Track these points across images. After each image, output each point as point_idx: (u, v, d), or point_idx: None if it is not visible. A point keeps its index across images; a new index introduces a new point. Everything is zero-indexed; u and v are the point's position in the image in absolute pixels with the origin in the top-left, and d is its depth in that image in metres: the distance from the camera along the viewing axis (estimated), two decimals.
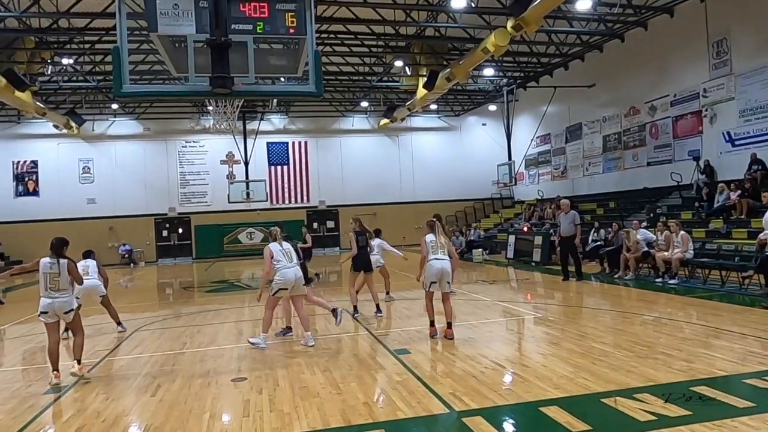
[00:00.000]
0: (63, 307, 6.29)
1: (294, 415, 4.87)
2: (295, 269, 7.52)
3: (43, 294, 6.28)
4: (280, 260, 7.44)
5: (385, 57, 23.68)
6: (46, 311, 6.26)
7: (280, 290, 7.44)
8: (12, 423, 5.06)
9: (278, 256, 7.45)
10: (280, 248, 7.55)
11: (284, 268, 7.41)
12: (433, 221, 7.90)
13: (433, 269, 7.49)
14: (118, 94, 5.20)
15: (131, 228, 27.79)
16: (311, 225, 30.91)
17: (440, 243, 7.66)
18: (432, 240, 7.66)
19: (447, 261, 7.57)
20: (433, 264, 7.50)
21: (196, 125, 29.77)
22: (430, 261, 7.53)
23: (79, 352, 6.40)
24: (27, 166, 27.80)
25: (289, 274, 7.39)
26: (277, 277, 7.40)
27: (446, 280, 7.54)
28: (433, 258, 7.53)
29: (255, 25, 5.72)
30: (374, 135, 31.86)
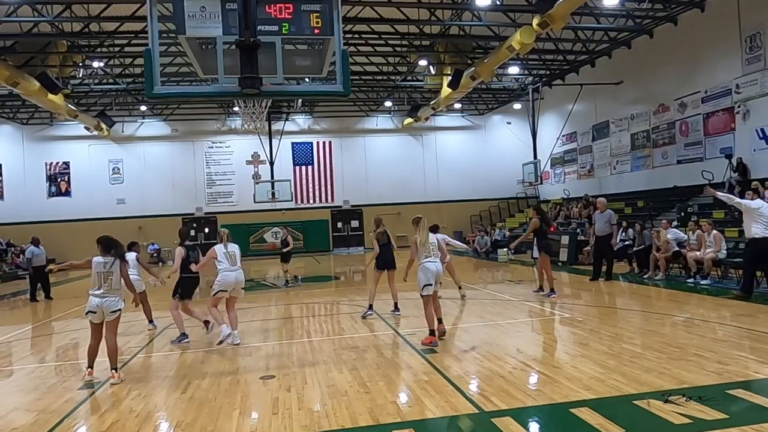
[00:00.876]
0: (111, 306, 6.32)
1: (323, 413, 4.89)
2: (237, 273, 7.81)
3: (94, 293, 6.31)
4: (223, 262, 7.72)
5: (409, 56, 23.65)
6: (94, 311, 6.28)
7: (220, 291, 7.74)
8: (49, 417, 5.19)
9: (221, 258, 7.73)
10: (224, 251, 7.80)
11: (226, 270, 7.70)
12: (419, 217, 7.57)
13: (430, 272, 7.21)
14: (149, 95, 5.29)
15: (159, 227, 28.24)
16: (335, 224, 31.10)
17: (425, 241, 7.36)
18: (422, 241, 7.36)
19: (440, 262, 7.46)
20: (428, 266, 7.22)
21: (223, 126, 30.19)
22: (423, 263, 7.25)
23: (114, 360, 6.39)
24: (59, 167, 28.51)
25: (230, 277, 7.71)
26: (218, 278, 7.71)
27: (439, 281, 7.40)
28: (427, 260, 7.26)
29: (280, 26, 5.77)
30: (398, 134, 31.86)
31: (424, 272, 7.21)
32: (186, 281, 8.26)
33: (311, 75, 6.99)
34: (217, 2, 5.69)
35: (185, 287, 8.28)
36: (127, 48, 20.66)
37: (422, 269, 7.24)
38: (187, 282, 8.28)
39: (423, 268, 7.24)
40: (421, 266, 7.27)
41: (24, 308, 14.36)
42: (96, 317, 6.33)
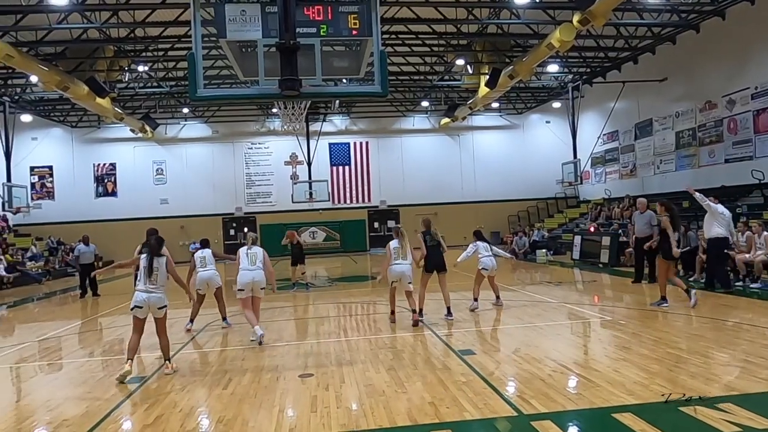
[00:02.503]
0: (157, 302, 6.49)
1: (360, 412, 4.93)
2: (254, 273, 7.98)
3: (140, 288, 6.50)
4: (243, 261, 8.05)
5: (446, 56, 23.55)
6: (140, 306, 6.46)
7: (239, 290, 7.97)
8: (97, 410, 5.38)
9: (242, 258, 8.07)
10: (246, 251, 8.16)
11: (243, 269, 7.98)
12: (399, 228, 9.34)
13: (395, 272, 8.83)
14: (193, 98, 5.43)
15: (201, 227, 28.82)
16: (372, 225, 31.21)
17: (403, 248, 8.92)
18: (396, 246, 8.89)
19: (407, 265, 8.90)
20: (394, 268, 8.83)
21: (262, 127, 30.69)
22: (392, 265, 8.85)
23: (167, 351, 6.69)
24: (106, 169, 29.50)
25: (246, 276, 7.95)
26: (237, 277, 7.99)
27: (407, 281, 8.86)
28: (395, 263, 8.83)
29: (319, 27, 5.84)
30: (435, 134, 31.76)
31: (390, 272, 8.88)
32: None
33: (349, 76, 7.04)
34: (257, 6, 5.80)
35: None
36: (170, 52, 21.24)
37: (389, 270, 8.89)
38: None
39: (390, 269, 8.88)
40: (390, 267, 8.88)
41: (73, 304, 14.92)
42: (141, 312, 6.51)
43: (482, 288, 10.16)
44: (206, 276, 9.26)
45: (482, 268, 10.00)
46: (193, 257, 9.56)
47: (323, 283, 17.06)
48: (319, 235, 30.36)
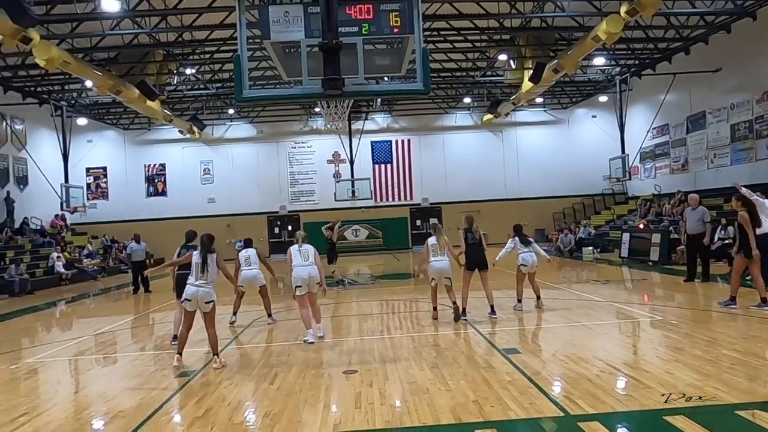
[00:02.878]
0: (205, 297, 6.77)
1: (404, 409, 4.94)
2: (309, 268, 7.98)
3: (191, 282, 6.79)
4: (296, 258, 8.05)
5: (488, 51, 23.28)
6: (190, 299, 6.75)
7: (297, 288, 7.92)
8: (150, 402, 5.59)
9: (295, 255, 8.06)
10: (298, 248, 8.15)
11: (298, 266, 7.98)
12: (437, 224, 9.54)
13: (435, 269, 8.86)
14: (239, 98, 5.55)
15: (246, 225, 29.45)
16: (415, 222, 31.19)
17: (441, 245, 8.92)
18: (433, 243, 8.89)
19: (446, 261, 8.92)
20: (433, 265, 8.86)
21: (305, 127, 31.08)
22: (431, 262, 8.89)
23: (215, 345, 6.90)
24: (156, 169, 30.49)
25: (302, 272, 7.93)
26: (292, 274, 8.00)
27: (445, 276, 8.90)
28: (434, 260, 8.85)
29: (360, 26, 5.86)
30: (477, 131, 31.45)
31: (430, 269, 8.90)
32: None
33: (390, 74, 7.06)
34: (300, 6, 5.87)
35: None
36: (216, 54, 21.74)
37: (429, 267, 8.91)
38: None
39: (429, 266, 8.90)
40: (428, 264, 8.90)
41: (126, 300, 15.49)
42: (191, 305, 6.77)
43: (525, 287, 9.90)
44: (250, 275, 9.62)
45: (521, 264, 9.71)
46: (237, 256, 9.81)
47: (366, 281, 17.15)
48: (361, 233, 30.54)
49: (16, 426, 5.05)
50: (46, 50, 14.74)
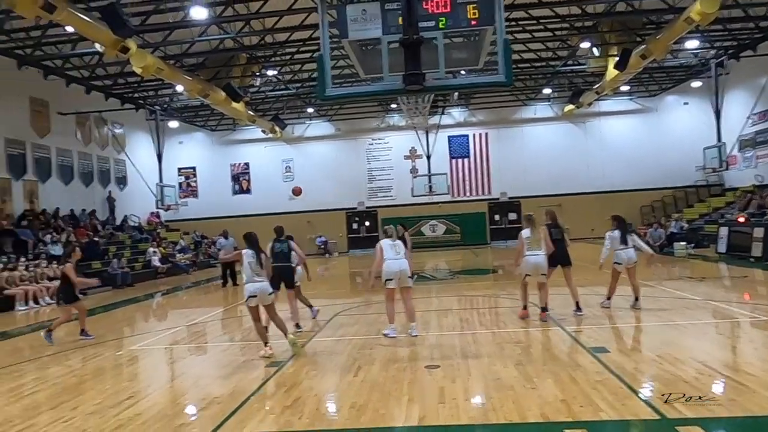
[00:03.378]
0: (266, 289, 7.12)
1: (489, 406, 4.88)
2: (400, 262, 7.84)
3: (249, 280, 7.10)
4: (387, 252, 7.88)
5: (570, 39, 22.44)
6: (254, 295, 7.05)
7: (388, 281, 7.80)
8: (242, 390, 5.85)
9: (386, 249, 7.87)
10: (390, 243, 7.99)
11: (390, 259, 7.82)
12: (531, 215, 8.75)
13: (530, 264, 8.37)
14: (322, 97, 5.68)
15: (326, 221, 30.22)
16: (493, 217, 30.71)
17: (536, 238, 8.42)
18: (528, 236, 8.40)
19: (542, 256, 8.40)
20: (528, 259, 8.36)
21: (382, 123, 31.35)
22: (527, 256, 8.37)
23: (284, 329, 7.34)
24: (241, 168, 31.84)
25: (393, 266, 7.78)
26: (383, 268, 7.83)
27: (540, 273, 8.42)
28: (530, 254, 8.36)
29: (437, 21, 5.84)
30: (558, 122, 30.47)
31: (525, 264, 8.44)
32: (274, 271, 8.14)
33: (467, 67, 6.97)
34: (377, 4, 5.92)
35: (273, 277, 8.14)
36: (296, 55, 22.33)
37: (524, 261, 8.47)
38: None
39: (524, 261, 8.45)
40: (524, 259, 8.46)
41: (215, 293, 16.29)
42: (256, 300, 7.11)
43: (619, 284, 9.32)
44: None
45: (615, 262, 9.08)
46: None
47: (445, 276, 17.09)
48: (439, 229, 30.45)
49: (123, 408, 5.46)
50: (142, 58, 15.74)
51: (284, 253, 8.73)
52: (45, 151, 21.66)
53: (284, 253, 8.73)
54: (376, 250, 8.00)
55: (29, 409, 5.65)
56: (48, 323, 11.48)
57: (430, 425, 4.55)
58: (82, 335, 9.30)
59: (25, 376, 7.11)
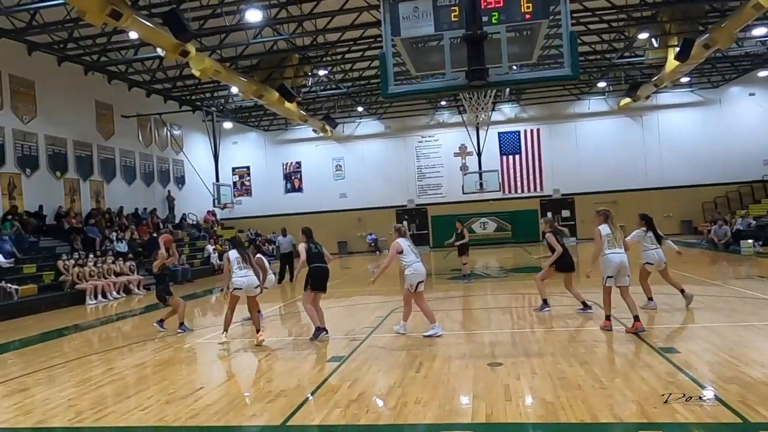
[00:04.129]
0: (254, 282, 8.29)
1: (557, 404, 4.81)
2: (423, 263, 7.83)
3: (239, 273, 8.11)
4: (409, 255, 7.71)
5: (627, 30, 21.75)
6: (240, 287, 8.12)
7: (419, 283, 7.70)
8: (308, 383, 5.98)
9: (407, 251, 7.73)
10: (408, 243, 7.85)
11: (415, 262, 7.68)
12: (607, 211, 7.76)
13: (613, 264, 7.33)
14: (385, 95, 5.72)
15: (376, 219, 30.38)
16: (545, 215, 30.10)
17: (616, 236, 7.51)
18: (608, 233, 7.48)
19: (625, 255, 7.46)
20: (612, 258, 7.35)
21: (431, 121, 31.28)
22: (607, 255, 7.38)
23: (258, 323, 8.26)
24: (293, 167, 32.42)
25: (421, 268, 7.72)
26: (411, 271, 7.67)
27: (625, 274, 7.40)
28: (611, 252, 7.38)
29: (490, 15, 5.77)
30: (614, 117, 29.62)
31: (607, 264, 7.39)
32: (315, 272, 8.13)
33: (520, 62, 6.86)
34: (429, 1, 5.90)
35: (315, 278, 8.13)
36: (347, 55, 22.55)
37: (605, 261, 7.43)
38: (317, 273, 8.13)
39: (606, 260, 7.42)
40: (604, 258, 7.43)
41: (273, 289, 16.60)
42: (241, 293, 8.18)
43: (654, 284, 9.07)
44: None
45: (646, 263, 8.86)
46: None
47: (497, 274, 16.90)
48: (489, 226, 30.13)
49: (197, 398, 5.66)
50: (200, 61, 16.26)
51: (321, 255, 8.39)
52: (110, 152, 22.66)
53: (321, 254, 8.39)
54: (392, 249, 7.92)
55: (108, 396, 5.94)
56: (115, 316, 12.03)
57: (498, 422, 4.52)
58: (158, 324, 9.75)
59: (100, 366, 7.47)
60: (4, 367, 7.92)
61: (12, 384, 6.75)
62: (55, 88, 19.51)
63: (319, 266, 8.11)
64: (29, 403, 5.86)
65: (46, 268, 15.81)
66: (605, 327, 7.54)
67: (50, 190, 19.42)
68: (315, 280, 8.06)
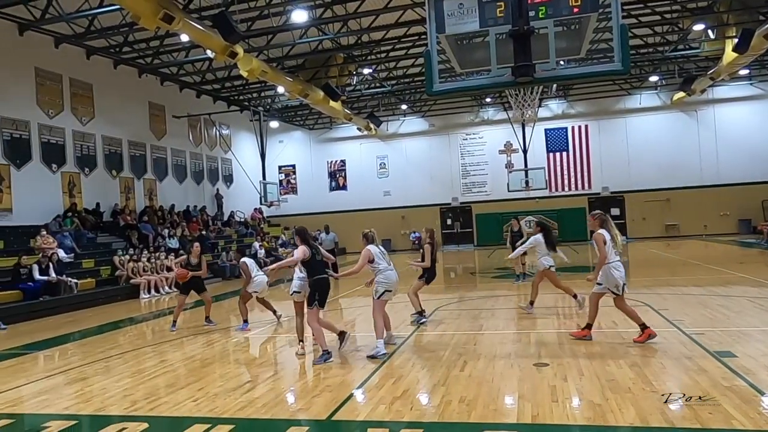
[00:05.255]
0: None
1: (606, 407, 4.70)
2: (395, 271, 7.36)
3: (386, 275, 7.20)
4: (381, 262, 7.25)
5: (681, 22, 20.97)
6: (390, 289, 7.22)
7: (386, 292, 7.22)
8: (352, 380, 6.04)
9: (378, 258, 7.25)
10: (379, 250, 7.32)
11: (386, 270, 7.26)
12: (605, 216, 7.23)
13: (622, 271, 6.95)
14: (430, 92, 5.72)
15: (420, 217, 30.28)
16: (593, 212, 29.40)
17: (617, 242, 7.02)
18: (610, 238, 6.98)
19: None
20: (620, 265, 6.95)
21: (476, 118, 30.98)
22: (615, 262, 6.92)
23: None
24: (337, 165, 32.73)
25: (393, 276, 7.27)
26: (381, 278, 7.19)
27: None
28: (618, 259, 6.96)
29: (537, 10, 5.68)
30: (666, 111, 28.61)
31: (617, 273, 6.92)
32: (320, 284, 7.00)
33: (567, 57, 6.71)
34: None
35: (322, 291, 7.02)
36: (391, 53, 22.60)
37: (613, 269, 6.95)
38: (321, 285, 7.02)
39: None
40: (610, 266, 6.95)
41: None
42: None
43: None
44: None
45: (550, 266, 9.31)
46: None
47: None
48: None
49: (245, 390, 5.81)
50: (248, 62, 16.59)
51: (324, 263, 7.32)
52: (162, 152, 23.42)
53: (324, 263, 7.33)
54: (362, 256, 7.22)
55: (161, 387, 6.16)
56: (167, 310, 12.46)
57: (545, 423, 4.46)
58: (207, 322, 10.07)
59: (153, 358, 7.76)
60: (65, 357, 8.34)
61: (73, 373, 7.10)
62: (112, 91, 20.31)
63: (323, 278, 7.04)
64: (89, 392, 6.15)
65: (103, 263, 16.52)
66: (584, 336, 7.17)
67: (107, 189, 20.25)
68: (322, 295, 6.99)
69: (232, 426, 4.82)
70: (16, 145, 16.75)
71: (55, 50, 18.03)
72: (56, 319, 12.47)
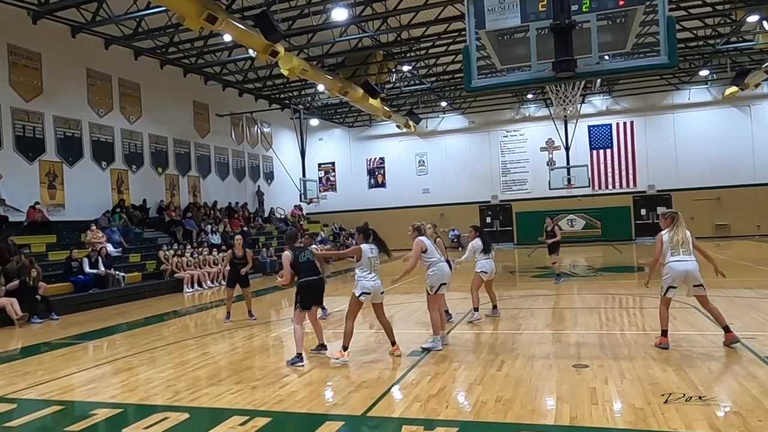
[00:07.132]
0: (380, 287, 6.84)
1: (648, 411, 4.57)
2: (446, 264, 7.30)
3: (367, 277, 6.72)
4: (434, 254, 7.19)
5: (734, 14, 20.13)
6: (369, 292, 6.68)
7: (442, 285, 7.18)
8: (388, 376, 6.06)
9: (431, 250, 7.21)
10: (432, 242, 7.34)
11: (439, 262, 7.20)
12: (675, 214, 6.75)
13: (675, 272, 6.48)
14: (468, 89, 5.66)
15: (459, 214, 30.09)
16: (638, 212, 28.63)
17: (682, 239, 6.53)
18: (670, 238, 6.60)
19: (693, 261, 6.50)
20: (674, 266, 6.48)
21: (516, 114, 30.54)
22: (670, 263, 6.53)
23: (391, 335, 7.01)
24: (376, 162, 32.81)
25: (445, 268, 7.21)
26: (435, 270, 7.13)
27: (693, 284, 6.48)
28: (675, 260, 6.50)
29: (581, 3, 5.53)
30: (717, 107, 27.54)
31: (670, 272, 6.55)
32: (305, 287, 6.95)
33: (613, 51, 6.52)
34: None
35: (305, 295, 6.93)
36: (431, 50, 22.49)
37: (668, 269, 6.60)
38: (305, 288, 6.95)
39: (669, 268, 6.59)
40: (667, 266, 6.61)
41: (352, 282, 16.95)
42: (370, 297, 6.75)
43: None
44: None
45: (481, 271, 9.15)
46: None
47: (586, 273, 16.26)
48: (578, 223, 29.02)
49: (282, 385, 5.90)
50: (289, 61, 16.80)
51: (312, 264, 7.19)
52: (205, 149, 23.98)
53: (312, 263, 7.20)
54: (415, 247, 7.19)
55: (203, 379, 6.32)
56: (209, 304, 12.76)
57: (584, 426, 4.37)
58: (249, 316, 10.33)
59: (196, 351, 7.96)
60: (112, 348, 8.65)
61: (119, 363, 7.36)
62: (158, 90, 20.91)
63: (309, 279, 6.93)
64: (134, 382, 6.36)
65: (149, 257, 17.04)
66: (661, 344, 6.62)
67: (153, 185, 20.87)
68: (305, 297, 6.85)
69: (269, 419, 4.90)
70: (68, 144, 17.44)
71: (105, 51, 18.68)
72: (104, 310, 12.94)
